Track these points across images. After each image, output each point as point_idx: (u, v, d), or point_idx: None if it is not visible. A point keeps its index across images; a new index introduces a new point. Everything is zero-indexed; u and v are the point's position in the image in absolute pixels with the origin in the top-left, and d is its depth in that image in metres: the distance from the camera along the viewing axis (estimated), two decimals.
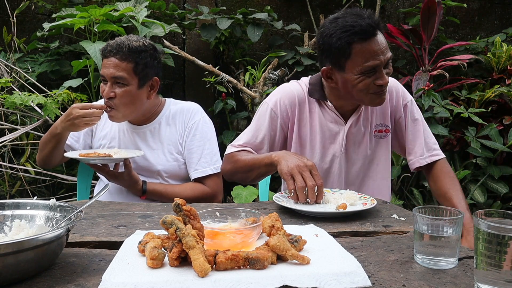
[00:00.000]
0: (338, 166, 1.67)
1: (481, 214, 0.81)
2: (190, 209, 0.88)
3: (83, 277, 0.81)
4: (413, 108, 1.72)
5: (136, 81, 1.69)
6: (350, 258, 0.85)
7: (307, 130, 1.66)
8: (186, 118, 1.82)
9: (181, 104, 1.88)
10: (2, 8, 3.30)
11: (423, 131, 1.70)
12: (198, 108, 1.87)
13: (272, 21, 3.30)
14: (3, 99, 2.68)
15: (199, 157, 1.79)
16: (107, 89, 1.68)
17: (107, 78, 1.68)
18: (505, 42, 3.37)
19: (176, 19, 3.34)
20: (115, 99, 1.68)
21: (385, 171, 1.72)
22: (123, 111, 1.71)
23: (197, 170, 1.78)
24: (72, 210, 0.94)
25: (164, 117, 1.83)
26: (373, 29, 1.45)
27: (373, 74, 1.49)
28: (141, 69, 1.68)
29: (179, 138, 1.81)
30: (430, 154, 1.68)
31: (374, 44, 1.46)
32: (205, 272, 0.77)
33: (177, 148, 1.81)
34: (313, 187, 1.28)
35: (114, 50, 1.66)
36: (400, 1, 3.83)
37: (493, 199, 3.06)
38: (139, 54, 1.68)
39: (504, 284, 0.75)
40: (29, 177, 2.93)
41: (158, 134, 1.81)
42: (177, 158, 1.80)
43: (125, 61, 1.66)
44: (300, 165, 1.32)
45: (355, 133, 1.67)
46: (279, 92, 1.68)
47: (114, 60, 1.66)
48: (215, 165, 1.80)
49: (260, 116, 1.67)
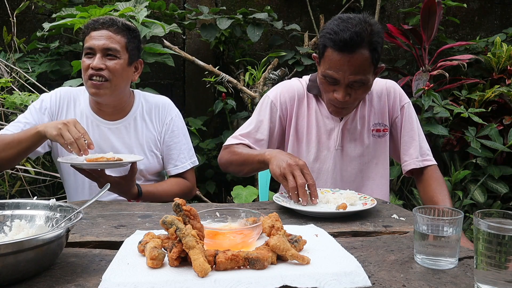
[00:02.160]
0: (333, 161, 1.68)
1: (481, 214, 0.81)
2: (190, 209, 0.88)
3: (83, 277, 0.81)
4: (410, 111, 1.72)
5: (127, 57, 1.65)
6: (350, 258, 0.85)
7: (304, 125, 1.69)
8: (162, 114, 1.80)
9: (152, 98, 1.83)
10: (2, 8, 3.30)
11: (418, 135, 1.71)
12: (171, 103, 1.86)
13: (272, 21, 3.30)
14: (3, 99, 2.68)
15: (178, 153, 1.80)
16: (97, 60, 1.59)
17: (97, 50, 1.60)
18: (505, 42, 3.37)
19: (176, 19, 3.34)
20: (104, 71, 1.59)
21: (384, 171, 1.72)
22: (114, 85, 1.62)
23: (177, 166, 1.79)
24: (72, 210, 0.94)
25: (138, 112, 1.77)
26: (350, 46, 1.43)
27: (334, 84, 1.51)
28: (132, 47, 1.66)
29: (157, 135, 1.78)
30: (424, 158, 1.68)
31: (342, 59, 1.45)
32: (205, 272, 0.77)
33: (155, 145, 1.78)
34: (303, 185, 1.28)
35: (108, 23, 1.62)
36: (400, 1, 3.83)
37: (493, 199, 3.06)
38: (131, 32, 1.67)
39: (504, 284, 0.75)
40: (29, 177, 2.92)
41: (135, 131, 1.75)
42: (156, 154, 1.79)
43: (119, 35, 1.63)
44: (291, 164, 1.32)
45: (350, 130, 1.68)
46: (280, 86, 1.74)
47: (107, 32, 1.61)
48: (191, 159, 1.83)
49: (261, 108, 1.71)
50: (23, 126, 1.67)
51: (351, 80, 1.48)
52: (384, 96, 1.70)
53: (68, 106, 1.74)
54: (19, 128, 1.66)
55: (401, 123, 1.70)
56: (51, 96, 1.74)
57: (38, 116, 1.70)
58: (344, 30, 1.43)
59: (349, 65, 1.45)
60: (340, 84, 1.49)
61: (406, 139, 1.70)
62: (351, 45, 1.42)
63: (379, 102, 1.70)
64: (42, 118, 1.70)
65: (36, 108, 1.72)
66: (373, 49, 1.46)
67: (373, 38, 1.45)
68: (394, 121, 1.72)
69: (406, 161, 1.69)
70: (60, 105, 1.74)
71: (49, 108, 1.72)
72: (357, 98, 1.55)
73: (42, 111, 1.71)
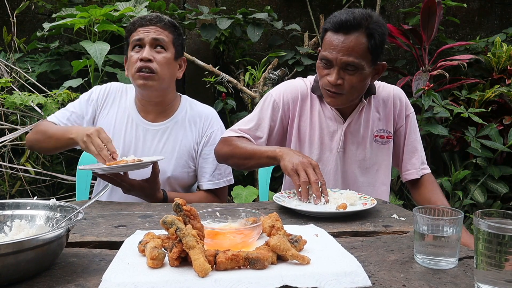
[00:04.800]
0: (335, 163, 1.68)
1: (481, 214, 0.81)
2: (190, 209, 0.88)
3: (83, 277, 0.81)
4: (414, 121, 1.74)
5: (173, 51, 1.67)
6: (350, 258, 0.85)
7: (307, 126, 1.69)
8: (204, 125, 1.75)
9: (198, 107, 1.80)
10: (2, 8, 3.30)
11: (420, 144, 1.75)
12: (216, 115, 1.81)
13: (272, 21, 3.30)
14: (3, 99, 2.68)
15: (214, 167, 1.73)
16: (146, 51, 1.60)
17: (147, 42, 1.62)
18: (505, 42, 3.37)
19: (176, 19, 3.34)
20: (153, 63, 1.61)
21: (385, 178, 1.72)
22: (161, 77, 1.62)
23: (211, 181, 1.73)
24: (72, 210, 0.94)
25: (180, 118, 1.73)
26: (345, 27, 1.47)
27: (328, 68, 1.53)
28: (178, 43, 1.69)
29: (194, 144, 1.73)
30: (423, 167, 1.74)
31: (337, 39, 1.48)
32: (205, 272, 0.77)
33: (190, 154, 1.72)
34: (316, 181, 1.29)
35: (155, 19, 1.64)
36: (400, 1, 3.83)
37: (493, 199, 3.06)
38: (177, 29, 1.70)
39: (504, 284, 0.75)
40: (29, 177, 2.93)
41: (172, 136, 1.70)
42: (189, 164, 1.72)
43: (166, 30, 1.66)
44: (305, 162, 1.34)
45: (353, 133, 1.68)
46: (283, 86, 1.73)
47: (155, 27, 1.64)
48: (227, 177, 1.77)
49: (263, 106, 1.70)
50: (70, 115, 1.72)
51: (344, 61, 1.48)
52: (390, 103, 1.70)
53: (114, 101, 1.76)
54: (65, 116, 1.71)
55: (406, 133, 1.72)
56: (101, 89, 1.77)
57: (85, 106, 1.74)
58: (343, 13, 1.48)
59: (343, 45, 1.47)
60: (334, 67, 1.51)
61: (410, 148, 1.72)
62: (347, 26, 1.46)
63: (385, 108, 1.70)
64: (87, 109, 1.74)
65: (85, 98, 1.75)
66: (370, 35, 1.48)
67: (371, 25, 1.48)
68: (399, 129, 1.73)
69: (408, 170, 1.73)
70: (106, 99, 1.75)
71: (96, 100, 1.74)
72: (352, 86, 1.52)
73: (89, 102, 1.75)
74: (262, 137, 1.66)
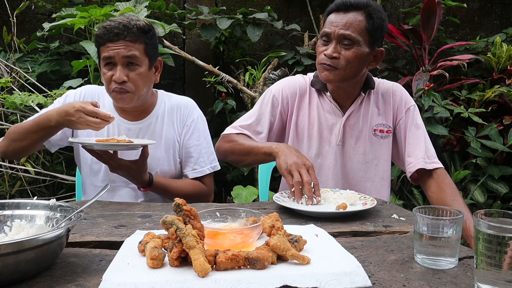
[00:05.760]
0: (334, 157, 1.68)
1: (481, 214, 0.81)
2: (190, 209, 0.88)
3: (83, 277, 0.81)
4: (415, 114, 1.70)
5: (147, 62, 1.61)
6: (350, 258, 0.85)
7: (306, 120, 1.70)
8: (184, 115, 1.76)
9: (175, 98, 1.80)
10: (2, 8, 3.30)
11: (424, 138, 1.67)
12: (194, 104, 1.82)
13: (272, 21, 3.30)
14: (3, 99, 2.68)
15: (197, 156, 1.75)
16: (119, 72, 1.54)
17: (117, 60, 1.55)
18: (505, 42, 3.38)
19: (176, 19, 3.34)
20: (128, 83, 1.56)
21: (385, 173, 1.71)
22: (138, 93, 1.59)
23: (195, 169, 1.74)
24: (72, 210, 0.94)
25: (159, 112, 1.74)
26: (345, 7, 1.54)
27: (326, 44, 1.58)
28: (150, 50, 1.61)
29: (176, 136, 1.74)
30: (431, 161, 1.63)
31: (337, 16, 1.56)
32: (206, 272, 0.77)
33: (174, 146, 1.74)
34: (309, 182, 1.30)
35: (124, 32, 1.54)
36: (400, 1, 3.83)
37: (493, 199, 3.06)
38: (147, 34, 1.60)
39: (504, 284, 0.75)
40: (29, 177, 2.93)
41: (155, 131, 1.71)
42: (174, 157, 1.74)
43: (136, 42, 1.56)
44: (298, 163, 1.34)
45: (352, 127, 1.68)
46: (283, 81, 1.77)
47: (124, 43, 1.54)
48: (212, 164, 1.77)
49: (263, 102, 1.73)
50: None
51: (341, 33, 1.53)
52: (389, 97, 1.70)
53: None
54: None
55: (406, 126, 1.68)
56: (76, 93, 1.75)
57: None
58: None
59: (341, 21, 1.55)
60: (331, 41, 1.56)
61: (411, 141, 1.66)
62: (347, 6, 1.55)
63: (384, 103, 1.70)
64: None
65: (60, 102, 1.72)
66: (369, 15, 1.54)
67: (370, 8, 1.55)
68: (398, 123, 1.71)
69: (411, 162, 1.64)
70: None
71: None
72: (347, 61, 1.54)
73: None
74: (262, 132, 1.68)
